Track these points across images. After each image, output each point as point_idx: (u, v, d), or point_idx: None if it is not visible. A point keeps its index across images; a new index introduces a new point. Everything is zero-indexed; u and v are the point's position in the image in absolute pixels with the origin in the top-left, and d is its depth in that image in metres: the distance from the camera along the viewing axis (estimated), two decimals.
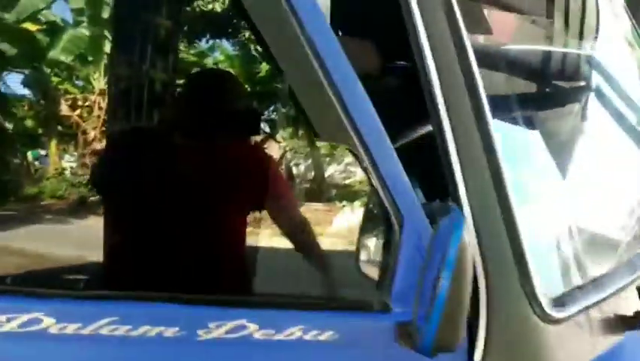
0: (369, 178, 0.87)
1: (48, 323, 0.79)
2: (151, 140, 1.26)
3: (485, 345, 0.90)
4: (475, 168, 0.91)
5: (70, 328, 0.80)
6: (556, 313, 0.90)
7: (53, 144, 1.39)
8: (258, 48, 1.53)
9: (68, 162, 1.43)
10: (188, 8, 1.48)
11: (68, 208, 1.33)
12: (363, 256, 1.03)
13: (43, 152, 1.39)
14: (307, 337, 0.87)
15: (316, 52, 0.81)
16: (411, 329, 0.81)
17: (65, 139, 1.38)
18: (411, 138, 1.06)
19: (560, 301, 0.92)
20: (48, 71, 1.37)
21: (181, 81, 1.43)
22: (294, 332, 0.87)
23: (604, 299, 0.97)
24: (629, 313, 1.00)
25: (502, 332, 0.90)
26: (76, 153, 1.43)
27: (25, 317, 0.78)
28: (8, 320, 0.77)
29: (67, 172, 1.39)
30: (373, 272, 0.92)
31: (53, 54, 1.32)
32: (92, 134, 1.38)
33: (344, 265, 1.14)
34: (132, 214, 1.17)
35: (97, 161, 1.35)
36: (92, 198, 1.35)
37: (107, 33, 1.36)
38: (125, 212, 1.18)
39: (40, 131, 1.41)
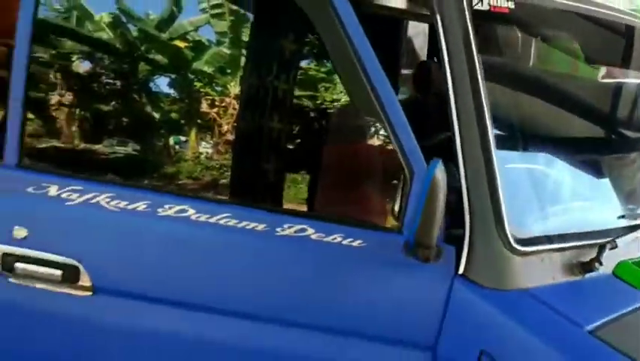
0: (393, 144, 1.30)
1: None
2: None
3: (466, 264, 1.31)
4: (471, 140, 1.32)
5: (203, 217, 1.33)
6: (520, 248, 1.29)
7: (193, 133, 1.76)
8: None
9: (204, 148, 1.78)
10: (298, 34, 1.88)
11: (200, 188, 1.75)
12: (388, 197, 1.46)
13: (183, 138, 1.77)
14: (345, 242, 1.33)
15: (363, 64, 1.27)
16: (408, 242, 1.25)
17: (203, 130, 1.73)
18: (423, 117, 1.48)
19: (525, 242, 1.30)
20: (193, 77, 1.75)
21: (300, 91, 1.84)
22: (337, 238, 1.33)
23: (562, 249, 1.34)
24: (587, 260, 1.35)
25: (480, 256, 1.30)
26: (210, 142, 1.80)
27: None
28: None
29: (202, 157, 1.75)
30: (394, 207, 1.35)
31: (197, 65, 1.68)
32: (224, 128, 1.72)
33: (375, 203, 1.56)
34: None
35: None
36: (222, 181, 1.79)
37: (239, 50, 1.80)
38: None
39: (183, 122, 1.77)
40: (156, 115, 1.75)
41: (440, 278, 1.33)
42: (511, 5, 1.56)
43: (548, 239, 1.36)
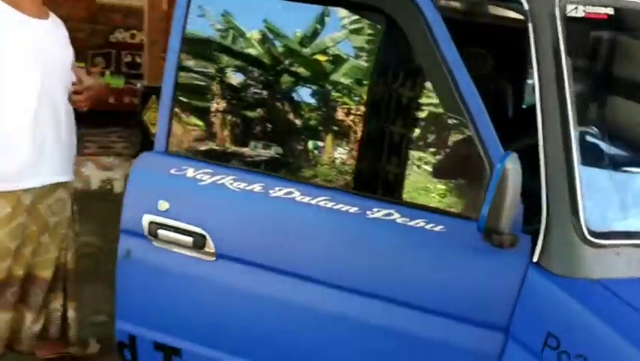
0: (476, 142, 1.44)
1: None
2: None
3: (541, 250, 1.41)
4: (553, 137, 1.41)
5: (306, 199, 1.56)
6: (593, 240, 1.36)
7: (329, 138, 1.85)
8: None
9: (339, 154, 1.86)
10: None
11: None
12: (470, 188, 1.58)
13: (321, 144, 1.87)
14: (427, 227, 1.49)
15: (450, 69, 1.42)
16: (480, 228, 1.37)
17: (338, 137, 1.82)
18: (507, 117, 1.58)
19: (599, 234, 1.37)
20: (331, 88, 1.85)
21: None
22: (420, 223, 1.50)
23: (634, 246, 1.38)
24: None
25: (553, 245, 1.39)
26: (346, 148, 1.86)
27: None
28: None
29: (337, 161, 1.84)
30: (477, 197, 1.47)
31: (336, 77, 1.81)
32: (359, 135, 1.79)
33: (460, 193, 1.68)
34: None
35: None
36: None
37: (370, 63, 1.85)
38: None
39: (320, 128, 1.87)
40: (293, 120, 1.95)
41: (516, 265, 1.43)
42: (610, 11, 1.63)
43: (627, 235, 1.41)
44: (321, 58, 1.89)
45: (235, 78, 1.98)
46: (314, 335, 1.64)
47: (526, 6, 1.56)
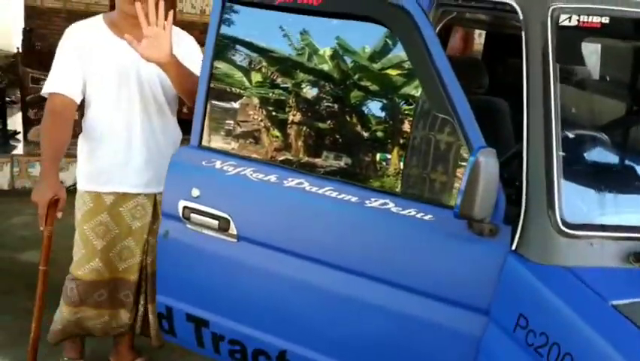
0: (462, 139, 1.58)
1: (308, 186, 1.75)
2: None
3: (519, 239, 1.53)
4: (536, 136, 1.54)
5: (314, 188, 1.76)
6: (567, 231, 1.47)
7: (395, 150, 1.86)
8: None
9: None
10: None
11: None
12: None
13: (388, 155, 1.89)
14: (418, 215, 1.65)
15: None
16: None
17: (404, 148, 1.83)
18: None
19: (573, 226, 1.47)
20: (400, 101, 1.89)
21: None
22: (412, 212, 1.65)
23: (615, 238, 1.47)
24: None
25: (532, 233, 1.51)
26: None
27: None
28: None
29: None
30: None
31: (406, 90, 1.85)
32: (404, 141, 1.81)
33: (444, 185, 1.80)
34: None
35: None
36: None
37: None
38: None
39: (388, 140, 1.90)
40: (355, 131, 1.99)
41: (497, 252, 1.56)
42: (605, 20, 1.72)
43: (601, 227, 1.50)
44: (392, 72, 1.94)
45: (260, 88, 2.10)
46: (319, 310, 1.83)
47: (520, 15, 1.69)
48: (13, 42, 8.25)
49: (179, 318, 2.09)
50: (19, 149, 5.62)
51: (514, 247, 1.54)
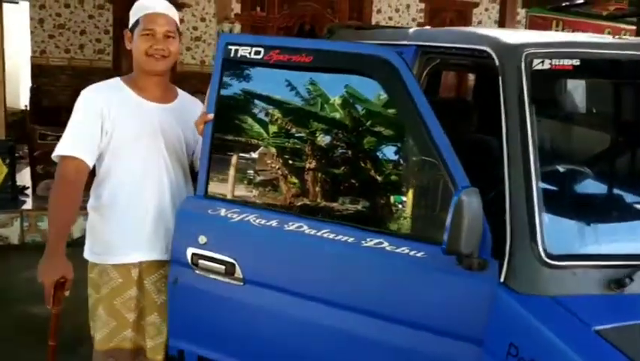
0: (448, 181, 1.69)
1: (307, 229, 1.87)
2: None
3: (507, 272, 1.62)
4: (516, 174, 1.64)
5: (312, 231, 1.87)
6: (551, 262, 1.56)
7: (387, 193, 1.93)
8: None
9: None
10: None
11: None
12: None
13: (380, 198, 1.96)
14: (411, 253, 1.74)
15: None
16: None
17: (395, 190, 1.91)
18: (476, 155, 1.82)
19: (556, 257, 1.56)
20: (388, 146, 1.94)
21: None
22: (405, 250, 1.75)
23: (596, 267, 1.56)
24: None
25: (517, 266, 1.60)
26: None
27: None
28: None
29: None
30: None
31: (392, 136, 1.93)
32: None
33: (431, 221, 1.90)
34: None
35: None
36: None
37: None
38: None
39: (379, 183, 1.94)
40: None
41: (487, 285, 1.65)
42: (576, 63, 1.85)
43: (582, 257, 1.60)
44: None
45: (258, 139, 2.19)
46: (321, 347, 1.91)
47: (497, 61, 1.83)
48: (20, 99, 8.49)
49: (190, 360, 2.18)
50: (29, 204, 5.76)
51: (502, 280, 1.63)
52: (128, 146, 2.17)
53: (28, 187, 6.08)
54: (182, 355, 2.18)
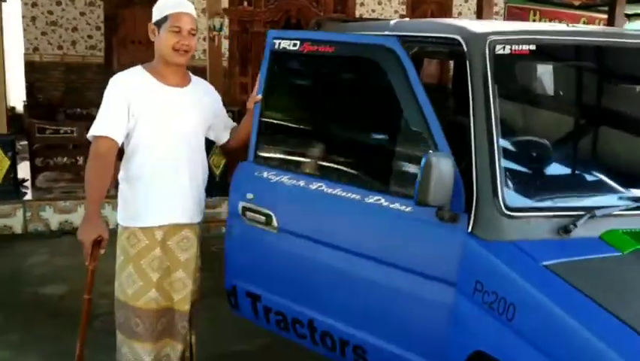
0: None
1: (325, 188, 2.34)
2: None
3: (473, 223, 1.93)
4: (481, 142, 1.95)
5: (329, 190, 2.33)
6: (508, 213, 1.87)
7: (384, 158, 2.42)
8: None
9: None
10: None
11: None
12: None
13: (381, 162, 2.44)
14: (401, 208, 2.07)
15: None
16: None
17: (390, 156, 2.43)
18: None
19: (513, 209, 1.88)
20: (388, 120, 2.50)
21: None
22: (396, 205, 2.08)
23: (546, 217, 1.88)
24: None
25: (482, 217, 1.91)
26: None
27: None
28: None
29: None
30: None
31: (391, 112, 2.47)
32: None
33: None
34: None
35: None
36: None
37: None
38: None
39: (379, 150, 2.59)
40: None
41: (459, 235, 1.96)
42: (532, 47, 2.17)
43: (535, 209, 1.92)
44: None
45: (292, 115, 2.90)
46: (336, 286, 2.36)
47: (465, 47, 2.14)
48: (11, 95, 8.65)
49: (241, 294, 2.69)
50: (29, 195, 5.99)
51: (469, 230, 1.94)
52: (151, 126, 2.45)
53: (27, 180, 6.30)
54: (235, 290, 2.73)
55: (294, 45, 2.56)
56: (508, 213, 1.88)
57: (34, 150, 6.38)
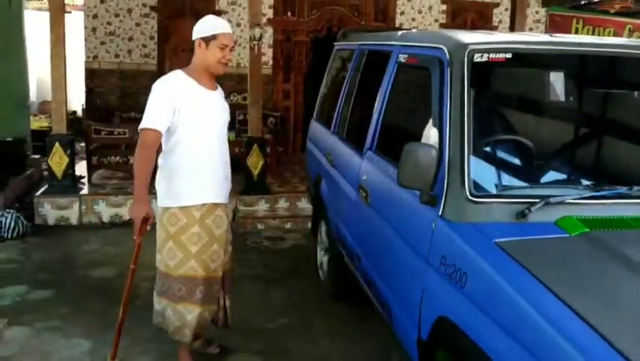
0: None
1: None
2: None
3: (444, 207, 2.23)
4: (455, 138, 2.25)
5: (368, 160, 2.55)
6: (473, 199, 2.16)
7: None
8: None
9: None
10: None
11: None
12: None
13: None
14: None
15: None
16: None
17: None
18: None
19: (477, 196, 2.16)
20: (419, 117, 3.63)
21: None
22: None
23: (506, 203, 2.16)
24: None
25: (452, 202, 2.21)
26: None
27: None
28: None
29: None
30: None
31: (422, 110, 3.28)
32: None
33: None
34: None
35: None
36: None
37: None
38: None
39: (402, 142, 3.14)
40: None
41: (433, 216, 2.27)
42: (508, 56, 2.45)
43: (496, 196, 2.20)
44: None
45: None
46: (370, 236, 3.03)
47: (447, 56, 2.44)
48: (72, 100, 9.34)
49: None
50: (85, 190, 6.56)
51: (440, 213, 2.24)
52: (192, 120, 2.91)
53: (84, 176, 6.89)
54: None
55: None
56: (473, 199, 2.17)
57: (90, 149, 6.97)
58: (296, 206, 6.70)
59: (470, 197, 2.17)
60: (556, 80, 2.41)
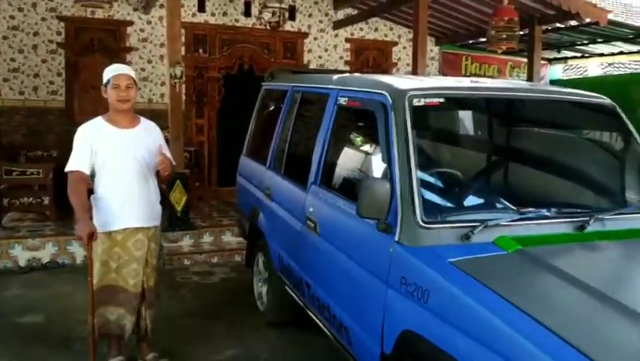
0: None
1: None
2: None
3: (399, 233, 2.54)
4: (403, 173, 2.58)
5: (337, 203, 2.79)
6: (424, 225, 2.49)
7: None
8: None
9: None
10: None
11: None
12: None
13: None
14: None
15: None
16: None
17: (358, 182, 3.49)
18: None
19: (427, 223, 2.50)
20: (369, 155, 3.56)
21: None
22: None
23: (452, 228, 2.51)
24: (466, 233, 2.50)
25: (405, 228, 2.52)
26: None
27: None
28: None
29: None
30: None
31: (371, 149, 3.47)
32: None
33: None
34: None
35: None
36: None
37: None
38: None
39: (355, 177, 3.59)
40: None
41: (390, 241, 2.57)
42: (441, 100, 2.84)
43: (443, 222, 2.54)
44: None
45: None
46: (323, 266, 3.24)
47: (390, 101, 2.79)
48: None
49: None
50: None
51: (396, 239, 2.55)
52: (108, 159, 3.42)
53: None
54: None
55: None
56: (424, 225, 2.50)
57: (1, 190, 6.69)
58: (221, 240, 6.81)
59: (422, 223, 2.50)
60: (481, 120, 2.82)
